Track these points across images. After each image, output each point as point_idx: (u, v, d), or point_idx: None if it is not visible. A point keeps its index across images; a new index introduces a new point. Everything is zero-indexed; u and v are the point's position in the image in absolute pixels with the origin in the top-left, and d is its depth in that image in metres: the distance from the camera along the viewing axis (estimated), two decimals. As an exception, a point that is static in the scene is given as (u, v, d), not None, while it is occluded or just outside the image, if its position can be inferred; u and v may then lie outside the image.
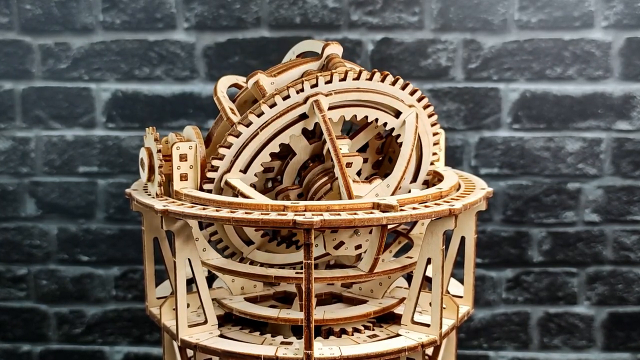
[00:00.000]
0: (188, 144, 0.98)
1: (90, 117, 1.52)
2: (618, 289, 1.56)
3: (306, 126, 0.97)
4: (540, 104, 1.49)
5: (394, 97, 1.02)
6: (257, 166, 0.98)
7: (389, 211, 0.88)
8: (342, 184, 0.96)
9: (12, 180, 1.55)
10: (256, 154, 0.97)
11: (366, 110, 1.00)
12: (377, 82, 1.00)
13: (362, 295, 1.09)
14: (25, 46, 1.50)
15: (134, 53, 1.49)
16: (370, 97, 1.00)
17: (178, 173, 0.98)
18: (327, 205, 0.88)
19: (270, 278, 0.99)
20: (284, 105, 0.96)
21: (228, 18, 1.48)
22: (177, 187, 0.98)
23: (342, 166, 0.96)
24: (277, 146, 0.97)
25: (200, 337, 0.97)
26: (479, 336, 1.59)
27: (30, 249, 1.57)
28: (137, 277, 1.58)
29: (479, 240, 1.42)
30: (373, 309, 1.04)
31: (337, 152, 0.96)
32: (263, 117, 0.95)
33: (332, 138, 0.95)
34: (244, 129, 0.96)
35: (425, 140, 1.07)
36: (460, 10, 1.47)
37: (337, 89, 0.97)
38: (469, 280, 1.09)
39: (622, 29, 1.47)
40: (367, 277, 0.99)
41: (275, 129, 0.96)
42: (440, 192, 0.98)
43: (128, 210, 1.52)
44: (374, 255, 0.97)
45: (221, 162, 0.97)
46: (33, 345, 1.62)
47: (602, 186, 1.52)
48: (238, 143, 0.96)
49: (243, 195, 0.95)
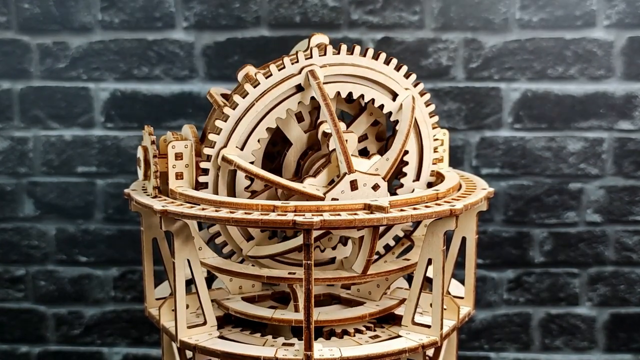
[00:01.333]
0: (183, 143, 0.98)
1: (88, 116, 1.51)
2: (620, 290, 1.56)
3: (302, 100, 0.98)
4: (541, 103, 1.49)
5: (389, 77, 1.02)
6: (254, 143, 0.98)
7: (380, 212, 0.88)
8: (341, 152, 0.95)
9: (10, 181, 1.54)
10: (253, 129, 0.97)
11: (362, 88, 1.01)
12: (371, 59, 1.01)
13: (360, 296, 1.09)
14: (23, 45, 1.49)
15: (133, 52, 1.49)
16: (365, 73, 1.00)
17: (174, 172, 0.98)
18: (317, 205, 0.89)
19: (262, 278, 0.99)
20: (279, 76, 0.97)
21: (227, 17, 1.47)
22: (173, 186, 0.98)
23: (338, 131, 0.95)
24: (273, 120, 0.97)
25: (200, 338, 0.97)
26: (480, 337, 1.58)
27: (28, 249, 1.57)
28: (136, 277, 1.57)
29: (480, 241, 1.42)
30: (369, 311, 1.04)
31: (333, 117, 0.95)
32: (259, 88, 0.97)
33: (327, 103, 0.95)
34: (240, 99, 0.97)
35: (424, 130, 1.06)
36: (461, 9, 1.46)
37: (332, 62, 0.99)
38: (469, 281, 1.09)
39: (624, 28, 1.46)
40: (361, 278, 0.99)
41: (271, 99, 0.96)
42: (437, 193, 0.97)
43: (127, 210, 1.51)
44: (366, 256, 0.97)
45: (218, 136, 0.97)
46: (31, 346, 1.62)
47: (604, 186, 1.51)
48: (235, 115, 0.96)
49: (240, 168, 0.95)
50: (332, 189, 0.94)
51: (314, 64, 0.97)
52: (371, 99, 1.02)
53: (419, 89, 1.05)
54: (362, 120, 1.07)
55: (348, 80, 1.00)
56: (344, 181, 0.94)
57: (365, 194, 0.95)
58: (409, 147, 1.04)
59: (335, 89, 0.99)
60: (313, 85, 0.96)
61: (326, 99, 0.95)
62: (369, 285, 1.08)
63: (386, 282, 1.07)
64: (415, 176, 1.07)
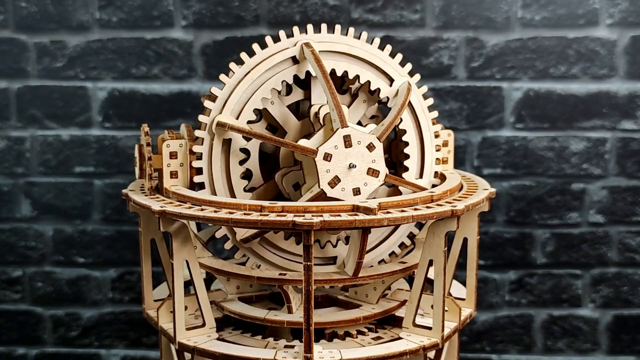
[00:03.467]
0: (178, 142, 0.99)
1: (86, 116, 1.51)
2: (623, 291, 1.55)
3: (297, 73, 1.00)
4: (543, 103, 1.48)
5: (384, 61, 1.04)
6: (249, 113, 0.98)
7: (368, 214, 0.87)
8: (333, 107, 0.95)
9: (7, 181, 1.54)
10: (248, 98, 0.98)
11: (357, 69, 1.02)
12: (365, 42, 1.03)
13: (357, 299, 1.08)
14: (20, 44, 1.49)
15: (131, 51, 1.48)
16: (360, 53, 1.02)
17: (168, 170, 0.99)
18: (305, 206, 0.89)
19: (252, 279, 0.99)
20: (275, 48, 0.99)
21: (226, 16, 1.46)
22: (167, 185, 0.99)
23: (331, 86, 0.95)
24: (268, 91, 0.99)
25: (198, 340, 0.96)
26: (482, 339, 1.58)
27: (25, 250, 1.56)
28: (134, 279, 1.56)
29: (481, 242, 1.42)
30: (363, 314, 1.03)
31: (325, 75, 0.96)
32: (255, 58, 0.98)
33: (320, 64, 0.96)
34: (235, 67, 0.99)
35: (424, 122, 1.06)
36: (463, 7, 1.46)
37: (326, 40, 1.01)
38: (471, 283, 1.09)
39: (627, 27, 1.45)
40: (352, 280, 0.98)
41: (266, 69, 0.98)
42: (432, 195, 0.96)
43: (125, 211, 1.51)
44: (356, 259, 0.96)
45: (213, 104, 0.98)
46: (28, 348, 1.61)
47: (607, 187, 1.51)
48: (230, 84, 0.98)
49: (233, 129, 0.95)
50: (325, 142, 0.94)
51: (310, 39, 1.00)
52: (367, 80, 1.02)
53: (415, 79, 1.06)
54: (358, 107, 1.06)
55: (343, 60, 1.02)
56: (337, 135, 0.94)
57: (360, 154, 0.94)
58: (409, 139, 1.04)
59: (330, 65, 1.00)
60: (307, 55, 0.98)
61: (320, 62, 0.96)
62: (365, 287, 1.08)
63: (383, 285, 1.06)
64: (418, 173, 1.06)
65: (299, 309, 1.03)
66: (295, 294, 1.03)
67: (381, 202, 0.90)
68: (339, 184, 0.95)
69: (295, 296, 1.03)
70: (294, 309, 1.02)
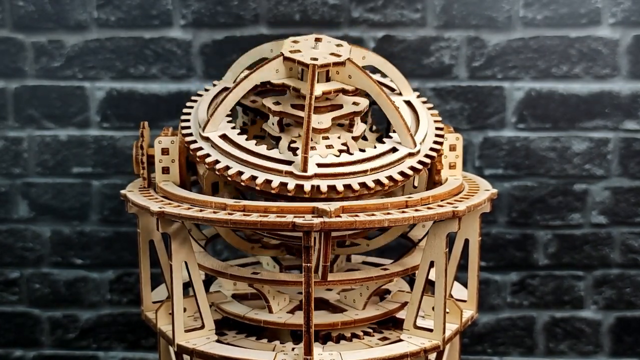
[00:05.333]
0: (170, 139, 1.01)
1: (84, 116, 1.50)
2: (626, 293, 1.54)
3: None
4: (545, 103, 1.47)
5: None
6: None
7: (322, 216, 0.86)
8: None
9: (4, 181, 1.53)
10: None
11: None
12: None
13: (345, 304, 1.08)
14: (17, 44, 1.48)
15: (129, 51, 1.47)
16: None
17: (160, 167, 1.01)
18: (265, 206, 0.88)
19: (243, 279, 0.99)
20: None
21: (226, 15, 1.46)
22: (159, 181, 1.01)
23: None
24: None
25: (197, 342, 0.96)
26: (483, 341, 1.57)
27: (22, 251, 1.56)
28: (133, 280, 1.56)
29: (483, 243, 1.42)
30: (343, 319, 1.02)
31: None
32: None
33: None
34: None
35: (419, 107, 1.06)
36: (464, 6, 1.45)
37: None
38: (472, 284, 1.09)
39: (630, 26, 1.45)
40: (320, 285, 0.96)
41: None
42: (407, 201, 0.92)
43: (123, 212, 1.49)
44: (322, 262, 0.94)
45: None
46: (26, 350, 1.60)
47: (610, 187, 1.50)
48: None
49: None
50: None
51: None
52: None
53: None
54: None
55: None
56: None
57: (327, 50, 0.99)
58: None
59: None
60: None
61: None
62: (352, 293, 1.07)
63: (367, 291, 1.05)
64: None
65: (283, 309, 1.03)
66: (277, 294, 1.03)
67: (345, 206, 0.87)
68: None
69: (278, 296, 1.03)
70: (274, 309, 1.03)
